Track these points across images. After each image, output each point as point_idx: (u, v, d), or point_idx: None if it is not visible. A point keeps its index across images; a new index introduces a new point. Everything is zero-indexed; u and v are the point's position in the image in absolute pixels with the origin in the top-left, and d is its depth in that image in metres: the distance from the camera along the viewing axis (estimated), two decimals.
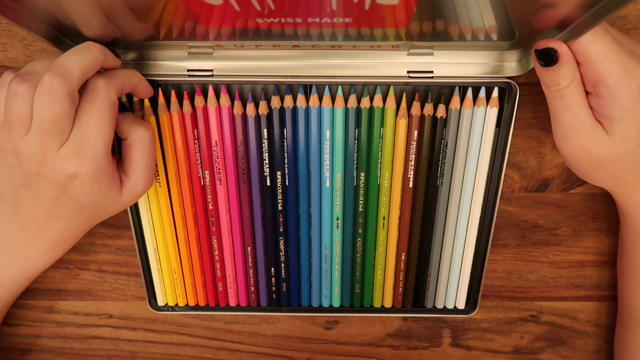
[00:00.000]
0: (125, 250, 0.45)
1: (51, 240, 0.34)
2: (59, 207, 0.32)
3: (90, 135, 0.30)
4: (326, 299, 0.45)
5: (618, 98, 0.30)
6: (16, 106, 0.29)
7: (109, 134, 0.31)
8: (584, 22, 0.28)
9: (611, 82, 0.30)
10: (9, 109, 0.29)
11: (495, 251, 0.45)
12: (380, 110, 0.37)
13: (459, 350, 0.49)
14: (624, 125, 0.31)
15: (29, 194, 0.32)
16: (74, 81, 0.29)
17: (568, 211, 0.43)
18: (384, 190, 0.40)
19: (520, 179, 0.42)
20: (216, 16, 0.29)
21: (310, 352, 0.49)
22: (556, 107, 0.32)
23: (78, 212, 0.33)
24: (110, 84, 0.31)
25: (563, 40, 0.30)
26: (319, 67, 0.36)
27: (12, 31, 0.36)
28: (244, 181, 0.39)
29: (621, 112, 0.31)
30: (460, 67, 0.36)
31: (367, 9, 0.28)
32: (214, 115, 0.37)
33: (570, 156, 0.34)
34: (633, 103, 0.30)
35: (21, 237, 0.34)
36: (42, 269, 0.37)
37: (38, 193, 0.32)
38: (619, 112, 0.31)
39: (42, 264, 0.36)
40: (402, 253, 0.42)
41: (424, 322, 0.48)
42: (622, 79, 0.30)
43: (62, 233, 0.34)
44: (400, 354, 0.50)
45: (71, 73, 0.29)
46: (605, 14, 0.27)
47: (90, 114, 0.30)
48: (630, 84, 0.30)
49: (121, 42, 0.34)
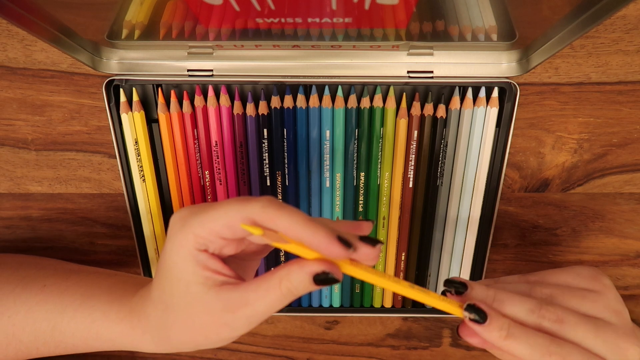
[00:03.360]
0: (125, 250, 0.45)
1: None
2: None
3: None
4: (326, 299, 0.45)
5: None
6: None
7: None
8: (584, 22, 0.28)
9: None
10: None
11: (495, 251, 0.45)
12: (380, 110, 0.37)
13: (459, 350, 0.49)
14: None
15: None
16: None
17: (568, 211, 0.43)
18: (384, 190, 0.40)
19: (520, 179, 0.42)
20: (216, 16, 0.29)
21: (310, 352, 0.49)
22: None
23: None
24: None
25: (565, 41, 0.31)
26: (319, 67, 0.36)
27: (12, 31, 0.36)
28: (244, 181, 0.39)
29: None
30: (460, 67, 0.36)
31: (367, 9, 0.27)
32: (214, 115, 0.37)
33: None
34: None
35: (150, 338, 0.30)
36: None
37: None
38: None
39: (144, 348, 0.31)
40: (402, 253, 0.42)
41: (424, 322, 0.48)
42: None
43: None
44: (400, 354, 0.50)
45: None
46: (605, 14, 0.27)
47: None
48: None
49: (121, 41, 0.34)
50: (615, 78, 0.37)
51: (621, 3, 0.26)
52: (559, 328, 0.28)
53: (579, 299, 0.29)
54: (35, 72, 0.37)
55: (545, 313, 0.28)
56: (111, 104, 0.37)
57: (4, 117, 0.39)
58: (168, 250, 0.27)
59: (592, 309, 0.29)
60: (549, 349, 0.27)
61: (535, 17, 0.29)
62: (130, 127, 0.37)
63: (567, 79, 0.38)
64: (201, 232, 0.25)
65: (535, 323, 0.28)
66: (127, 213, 0.40)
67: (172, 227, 0.27)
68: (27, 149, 0.40)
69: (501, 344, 0.27)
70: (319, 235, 0.24)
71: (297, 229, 0.24)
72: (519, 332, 0.27)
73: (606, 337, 0.28)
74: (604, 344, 0.28)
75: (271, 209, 0.24)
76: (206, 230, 0.25)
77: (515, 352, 0.27)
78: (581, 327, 0.28)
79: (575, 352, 0.27)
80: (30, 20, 0.30)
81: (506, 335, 0.27)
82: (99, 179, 0.41)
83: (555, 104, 0.38)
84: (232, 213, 0.25)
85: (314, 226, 0.24)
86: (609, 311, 0.29)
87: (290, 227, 0.24)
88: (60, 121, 0.39)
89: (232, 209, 0.25)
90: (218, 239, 0.26)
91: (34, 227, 0.44)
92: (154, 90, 0.37)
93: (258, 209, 0.24)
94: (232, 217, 0.25)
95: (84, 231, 0.44)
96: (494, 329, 0.27)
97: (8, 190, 0.42)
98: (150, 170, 0.39)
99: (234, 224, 0.25)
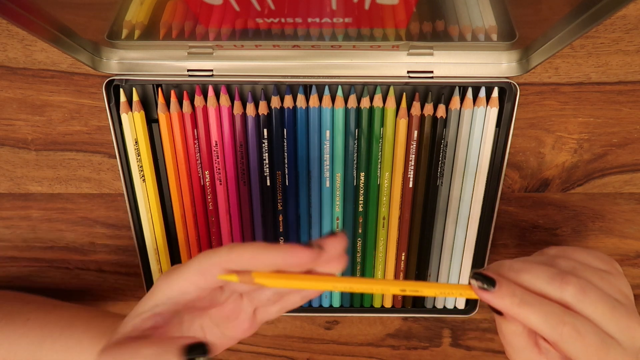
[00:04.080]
0: (125, 250, 0.45)
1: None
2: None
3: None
4: (326, 299, 0.45)
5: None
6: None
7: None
8: (584, 22, 0.28)
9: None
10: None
11: (495, 251, 0.45)
12: (380, 110, 0.37)
13: (459, 350, 0.49)
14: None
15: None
16: None
17: (568, 211, 0.43)
18: (384, 190, 0.40)
19: (520, 179, 0.42)
20: (216, 16, 0.29)
21: (310, 352, 0.49)
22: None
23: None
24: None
25: (565, 41, 0.31)
26: (319, 67, 0.36)
27: (12, 31, 0.36)
28: (244, 181, 0.39)
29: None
30: (460, 67, 0.36)
31: (367, 9, 0.27)
32: (213, 115, 0.37)
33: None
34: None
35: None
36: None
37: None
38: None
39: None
40: (402, 253, 0.42)
41: (424, 322, 0.48)
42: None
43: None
44: (400, 354, 0.50)
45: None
46: (605, 14, 0.27)
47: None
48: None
49: (121, 41, 0.34)
50: (615, 78, 0.37)
51: (621, 3, 0.26)
52: (580, 300, 0.27)
53: (599, 277, 0.29)
54: (35, 72, 0.37)
55: (570, 281, 0.27)
56: (111, 104, 0.37)
57: (4, 117, 0.39)
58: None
59: (609, 289, 0.29)
60: (562, 319, 0.27)
61: (535, 17, 0.29)
62: (130, 127, 0.37)
63: (567, 79, 0.38)
64: (183, 283, 0.28)
65: (556, 292, 0.27)
66: (127, 213, 0.40)
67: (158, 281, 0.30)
68: (27, 149, 0.40)
69: (515, 311, 0.27)
70: (282, 250, 0.26)
71: (262, 252, 0.26)
72: (533, 299, 0.27)
73: (620, 317, 0.28)
74: (616, 323, 0.28)
75: (236, 246, 0.27)
76: (184, 281, 0.28)
77: (528, 320, 0.27)
78: (601, 303, 0.28)
79: (589, 326, 0.27)
80: (30, 20, 0.30)
81: (519, 301, 0.27)
82: (99, 179, 0.41)
83: (555, 104, 0.38)
84: (204, 261, 0.27)
85: (276, 246, 0.26)
86: (621, 294, 0.29)
87: (257, 253, 0.26)
88: (60, 121, 0.39)
89: (203, 257, 0.28)
90: (194, 288, 0.28)
91: (34, 227, 0.44)
92: (154, 90, 0.37)
93: (225, 250, 0.27)
94: (205, 264, 0.27)
95: (84, 231, 0.44)
96: (505, 294, 0.27)
97: (8, 190, 0.42)
98: (150, 170, 0.39)
99: (207, 271, 0.27)
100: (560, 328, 0.26)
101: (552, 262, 0.30)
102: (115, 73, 0.36)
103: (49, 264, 0.45)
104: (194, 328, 0.31)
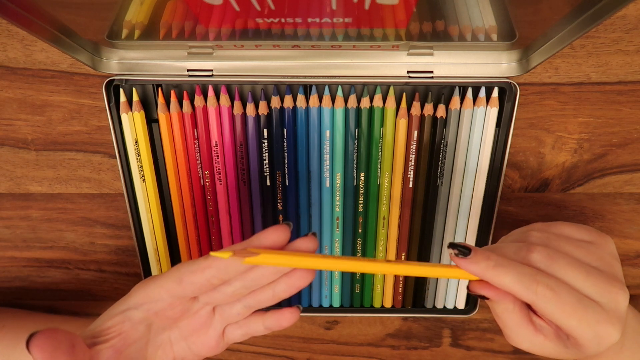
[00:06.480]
0: (125, 250, 0.45)
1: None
2: None
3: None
4: (326, 299, 0.45)
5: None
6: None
7: None
8: (584, 22, 0.28)
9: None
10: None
11: None
12: (380, 110, 0.37)
13: (459, 350, 0.49)
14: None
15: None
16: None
17: (568, 211, 0.43)
18: (384, 190, 0.40)
19: (520, 179, 0.42)
20: (216, 16, 0.29)
21: (310, 352, 0.49)
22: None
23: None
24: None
25: (565, 41, 0.31)
26: (319, 67, 0.36)
27: (12, 31, 0.36)
28: (244, 181, 0.39)
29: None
30: (460, 67, 0.36)
31: (367, 9, 0.27)
32: (213, 115, 0.37)
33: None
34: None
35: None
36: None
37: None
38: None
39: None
40: (402, 253, 0.42)
41: (424, 322, 0.48)
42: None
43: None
44: (400, 354, 0.50)
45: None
46: (605, 14, 0.27)
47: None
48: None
49: (121, 41, 0.34)
50: (615, 78, 0.37)
51: (621, 3, 0.26)
52: (548, 265, 0.28)
53: (574, 246, 0.29)
54: (35, 72, 0.37)
55: (534, 249, 0.28)
56: (111, 104, 0.37)
57: (4, 117, 0.39)
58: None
59: (585, 257, 0.29)
60: (535, 278, 0.27)
61: (535, 17, 0.29)
62: (130, 127, 0.37)
63: (567, 79, 0.38)
64: (158, 290, 0.30)
65: (524, 259, 0.28)
66: (127, 213, 0.40)
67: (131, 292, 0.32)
68: (27, 149, 0.40)
69: (490, 273, 0.27)
70: (264, 231, 0.28)
71: (244, 244, 0.28)
72: (507, 262, 0.28)
73: (596, 281, 0.28)
74: (593, 287, 0.28)
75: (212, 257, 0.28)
76: (160, 287, 0.29)
77: (503, 282, 0.27)
78: (571, 267, 0.28)
79: (563, 286, 0.27)
80: (30, 20, 0.30)
81: (494, 264, 0.27)
82: (99, 179, 0.41)
83: (555, 104, 0.38)
84: (182, 269, 0.29)
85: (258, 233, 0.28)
86: (602, 262, 0.29)
87: (232, 261, 0.28)
88: (60, 121, 0.39)
89: (182, 266, 0.29)
90: (168, 295, 0.29)
91: (34, 227, 0.44)
92: (154, 90, 0.37)
93: (202, 259, 0.28)
94: (183, 272, 0.29)
95: (84, 231, 0.44)
96: (480, 259, 0.27)
97: (8, 190, 0.42)
98: (150, 170, 0.39)
99: (184, 278, 0.29)
100: (534, 287, 0.27)
101: (525, 236, 0.31)
102: (115, 73, 0.36)
103: (49, 264, 0.45)
104: (161, 338, 0.32)
